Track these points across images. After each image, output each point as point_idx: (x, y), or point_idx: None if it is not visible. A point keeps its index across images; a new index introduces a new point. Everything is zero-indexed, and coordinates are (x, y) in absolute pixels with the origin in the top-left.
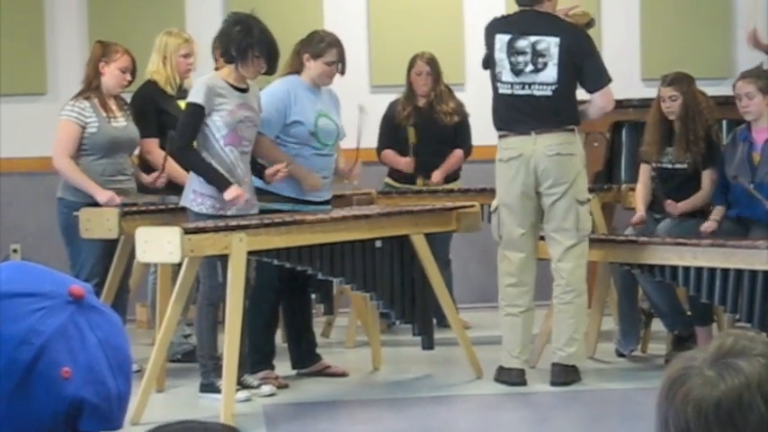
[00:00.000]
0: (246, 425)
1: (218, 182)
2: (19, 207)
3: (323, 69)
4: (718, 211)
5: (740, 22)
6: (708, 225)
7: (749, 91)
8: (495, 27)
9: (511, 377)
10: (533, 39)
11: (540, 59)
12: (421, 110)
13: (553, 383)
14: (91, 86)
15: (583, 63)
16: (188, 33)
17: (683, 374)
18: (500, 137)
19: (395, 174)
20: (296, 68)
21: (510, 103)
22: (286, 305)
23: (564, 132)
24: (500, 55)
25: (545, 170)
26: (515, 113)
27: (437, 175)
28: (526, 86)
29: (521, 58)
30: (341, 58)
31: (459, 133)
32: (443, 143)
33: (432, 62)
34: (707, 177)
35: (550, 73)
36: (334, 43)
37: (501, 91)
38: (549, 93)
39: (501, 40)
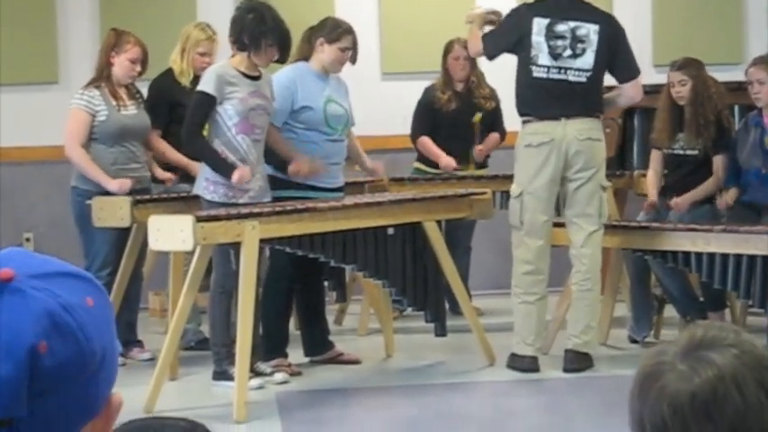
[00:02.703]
0: (259, 412)
1: (223, 169)
2: (31, 196)
3: (336, 55)
4: (732, 192)
5: (751, 7)
6: (722, 201)
7: (761, 77)
8: (531, 11)
9: (524, 364)
10: (573, 24)
11: (580, 45)
12: (460, 94)
13: (566, 370)
14: (102, 75)
15: (617, 52)
16: (214, 33)
17: (655, 370)
18: (524, 122)
19: (426, 159)
20: (305, 56)
21: (541, 86)
22: (299, 293)
23: (592, 119)
24: (537, 38)
25: (576, 153)
26: (546, 98)
27: (480, 151)
28: (562, 71)
29: (560, 43)
30: (354, 46)
31: (494, 118)
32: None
33: None
34: (718, 163)
35: (588, 60)
36: (350, 30)
37: (535, 74)
38: (583, 79)
39: (539, 23)
